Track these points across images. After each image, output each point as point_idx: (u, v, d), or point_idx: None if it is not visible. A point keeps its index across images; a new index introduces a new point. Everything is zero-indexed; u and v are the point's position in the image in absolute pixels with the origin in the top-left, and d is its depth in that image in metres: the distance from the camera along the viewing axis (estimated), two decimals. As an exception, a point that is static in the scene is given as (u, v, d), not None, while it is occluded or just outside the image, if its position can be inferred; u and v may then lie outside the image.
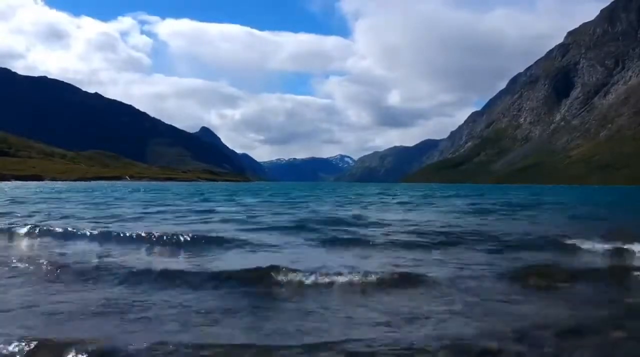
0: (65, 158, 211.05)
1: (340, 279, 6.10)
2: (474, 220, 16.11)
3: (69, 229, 11.11)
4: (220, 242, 9.48)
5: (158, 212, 18.63)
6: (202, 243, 9.38)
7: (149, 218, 15.60)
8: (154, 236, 9.87)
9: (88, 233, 10.56)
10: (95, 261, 7.55)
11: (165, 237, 9.75)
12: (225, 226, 13.22)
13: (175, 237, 9.64)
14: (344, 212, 18.73)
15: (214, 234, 10.51)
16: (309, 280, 6.14)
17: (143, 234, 10.06)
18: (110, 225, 12.82)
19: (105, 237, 10.21)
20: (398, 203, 27.86)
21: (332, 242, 9.87)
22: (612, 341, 4.03)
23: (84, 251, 8.73)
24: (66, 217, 15.30)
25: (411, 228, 12.49)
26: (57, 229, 11.08)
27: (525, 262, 7.49)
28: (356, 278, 6.11)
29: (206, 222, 14.17)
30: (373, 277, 6.12)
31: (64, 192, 40.44)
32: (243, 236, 10.55)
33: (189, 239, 9.56)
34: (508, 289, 5.91)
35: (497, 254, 8.56)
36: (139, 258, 8.09)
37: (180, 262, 7.90)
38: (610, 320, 4.54)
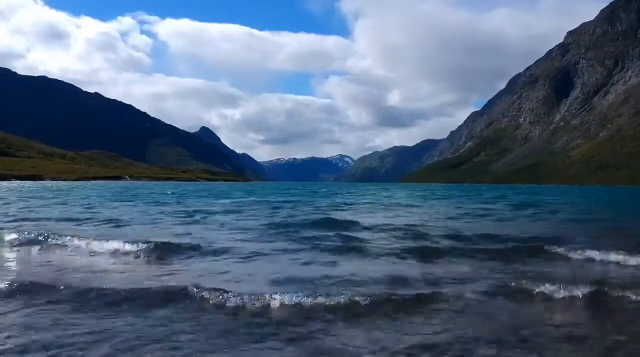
0: (65, 158, 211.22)
1: (287, 300, 5.21)
2: (467, 222, 16.03)
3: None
4: (183, 250, 8.89)
5: (140, 212, 18.60)
6: (157, 251, 8.69)
7: (130, 219, 15.28)
8: (95, 243, 9.35)
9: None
10: None
11: (102, 245, 9.16)
12: (199, 228, 12.92)
13: (137, 244, 9.03)
14: (333, 214, 18.20)
15: (177, 241, 9.86)
16: (238, 302, 5.22)
17: (87, 242, 9.42)
18: (57, 229, 12.11)
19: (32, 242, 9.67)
20: (393, 204, 27.48)
21: (307, 249, 9.26)
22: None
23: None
24: (27, 219, 14.75)
25: (399, 233, 11.84)
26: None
27: (517, 274, 6.94)
28: (309, 302, 5.17)
29: (178, 225, 13.77)
30: (322, 300, 5.24)
31: (54, 192, 40.55)
32: (215, 241, 10.05)
33: (142, 247, 8.84)
34: (506, 314, 5.12)
35: (485, 263, 7.96)
36: (51, 268, 7.45)
37: (108, 275, 7.13)
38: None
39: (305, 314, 4.96)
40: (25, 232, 10.51)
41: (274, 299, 5.27)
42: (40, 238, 9.98)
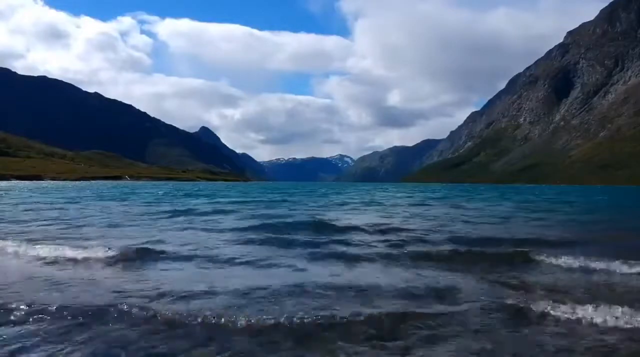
0: (65, 158, 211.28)
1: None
2: (463, 224, 15.79)
3: None
4: (148, 255, 8.22)
5: (123, 212, 18.29)
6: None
7: (105, 220, 14.75)
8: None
9: None
10: None
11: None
12: (179, 229, 12.45)
13: (93, 250, 8.29)
14: (325, 215, 17.66)
15: (145, 245, 9.09)
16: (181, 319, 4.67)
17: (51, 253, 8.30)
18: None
19: None
20: (389, 205, 26.89)
21: (288, 255, 8.63)
22: None
23: None
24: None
25: (390, 236, 11.24)
26: None
27: (512, 287, 6.36)
28: (266, 321, 4.55)
29: (156, 227, 13.31)
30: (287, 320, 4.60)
31: (44, 192, 40.52)
32: (190, 245, 9.63)
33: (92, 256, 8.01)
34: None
35: (477, 271, 7.32)
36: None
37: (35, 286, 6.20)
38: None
39: (260, 336, 4.35)
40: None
41: (225, 318, 4.67)
42: None
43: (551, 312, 5.05)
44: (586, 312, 5.02)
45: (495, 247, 9.78)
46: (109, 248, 8.40)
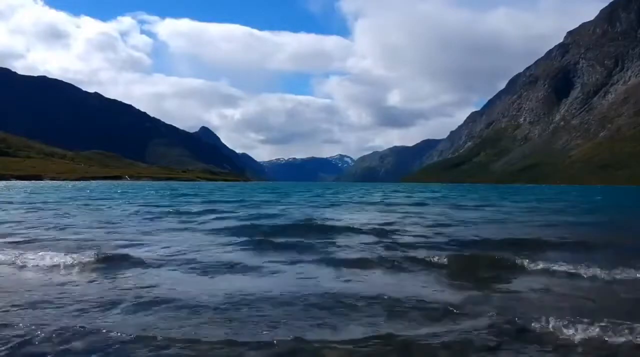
0: (65, 158, 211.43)
1: None
2: (458, 224, 15.65)
3: None
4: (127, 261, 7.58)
5: (108, 213, 18.00)
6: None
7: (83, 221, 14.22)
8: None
9: None
10: None
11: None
12: (159, 231, 11.97)
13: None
14: (318, 215, 17.39)
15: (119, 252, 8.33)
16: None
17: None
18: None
19: None
20: (386, 204, 26.79)
21: (267, 261, 7.96)
22: None
23: None
24: None
25: (378, 238, 10.74)
26: None
27: (513, 301, 5.70)
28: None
29: (137, 228, 12.76)
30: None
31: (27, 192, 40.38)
32: (168, 248, 9.13)
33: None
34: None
35: (470, 282, 6.69)
36: None
37: None
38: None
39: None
40: None
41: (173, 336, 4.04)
42: None
43: (553, 326, 4.53)
44: (589, 325, 4.54)
45: (494, 250, 9.48)
46: (79, 253, 7.73)
